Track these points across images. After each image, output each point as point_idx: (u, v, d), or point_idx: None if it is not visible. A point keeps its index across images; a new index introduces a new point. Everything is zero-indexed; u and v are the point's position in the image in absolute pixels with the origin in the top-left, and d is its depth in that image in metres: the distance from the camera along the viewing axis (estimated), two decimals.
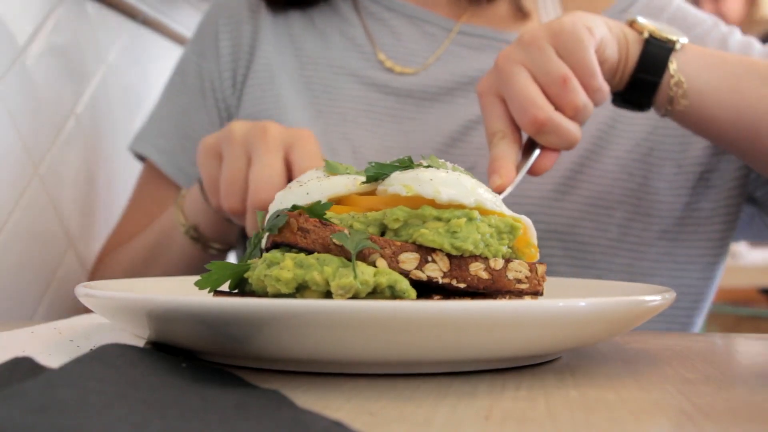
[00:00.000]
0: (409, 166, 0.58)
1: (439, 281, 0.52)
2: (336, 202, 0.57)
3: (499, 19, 1.06)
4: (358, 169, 0.94)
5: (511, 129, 0.75)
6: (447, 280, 0.52)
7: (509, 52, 0.76)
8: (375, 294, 0.50)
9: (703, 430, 0.37)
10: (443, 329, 0.44)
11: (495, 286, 0.53)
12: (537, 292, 0.55)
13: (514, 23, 1.06)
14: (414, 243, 0.52)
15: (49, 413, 0.31)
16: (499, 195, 0.71)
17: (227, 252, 0.98)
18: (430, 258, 0.52)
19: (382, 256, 0.51)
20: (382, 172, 0.57)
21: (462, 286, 0.52)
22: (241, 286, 0.56)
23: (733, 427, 0.38)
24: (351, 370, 0.49)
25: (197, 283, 0.55)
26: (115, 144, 1.19)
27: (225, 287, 0.57)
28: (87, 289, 0.53)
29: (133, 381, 0.39)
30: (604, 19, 0.79)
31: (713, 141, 0.89)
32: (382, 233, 0.54)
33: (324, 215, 0.53)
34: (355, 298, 0.49)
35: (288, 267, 0.50)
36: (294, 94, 1.00)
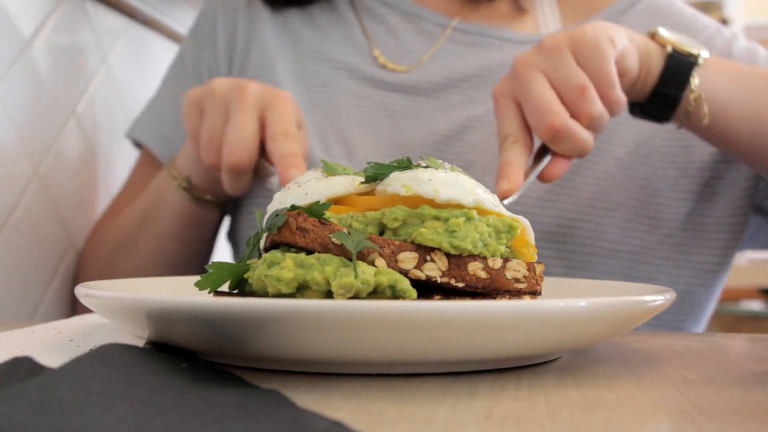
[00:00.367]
0: (408, 166, 0.58)
1: (438, 280, 0.52)
2: (335, 202, 0.57)
3: (497, 16, 1.05)
4: (354, 166, 0.95)
5: (524, 134, 0.75)
6: (446, 280, 0.52)
7: (528, 57, 0.76)
8: (375, 294, 0.50)
9: (703, 430, 0.37)
10: (444, 329, 0.44)
11: (493, 286, 0.53)
12: (535, 292, 0.56)
13: (511, 21, 1.05)
14: (413, 242, 0.52)
15: (49, 413, 0.30)
16: (506, 200, 0.71)
17: (220, 208, 0.98)
18: (428, 257, 0.52)
19: (381, 256, 0.51)
20: (380, 172, 0.57)
21: (460, 285, 0.52)
22: (241, 287, 0.56)
23: (733, 427, 0.38)
24: (351, 370, 0.48)
25: (197, 284, 0.55)
26: (115, 144, 1.19)
27: (225, 288, 0.57)
28: (87, 289, 0.53)
29: (133, 381, 0.39)
30: (627, 31, 0.79)
31: (727, 152, 0.88)
32: (381, 233, 0.54)
33: (323, 215, 0.53)
34: (355, 297, 0.49)
35: (289, 267, 0.50)
36: (291, 85, 1.00)
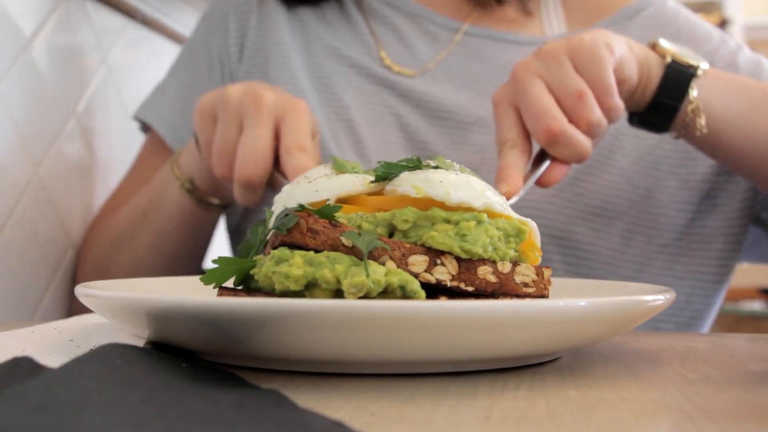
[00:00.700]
0: (418, 166, 0.58)
1: (448, 284, 0.52)
2: (343, 201, 0.57)
3: (504, 19, 1.05)
4: (362, 159, 0.95)
5: (522, 139, 0.76)
6: (455, 283, 0.52)
7: (527, 63, 0.76)
8: (386, 294, 0.50)
9: (703, 430, 0.37)
10: (444, 329, 0.44)
11: (502, 290, 0.53)
12: (543, 296, 0.55)
13: (517, 24, 1.05)
14: (423, 245, 0.52)
15: (49, 413, 0.30)
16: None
17: (225, 208, 0.96)
18: (439, 261, 0.52)
19: (392, 258, 0.51)
20: (390, 171, 0.57)
21: (470, 289, 0.52)
22: (247, 283, 0.56)
23: (733, 427, 0.38)
24: (351, 370, 0.48)
25: (202, 278, 0.55)
26: (114, 144, 1.19)
27: (230, 283, 0.56)
28: (87, 289, 0.53)
29: (133, 381, 0.39)
30: (626, 39, 0.79)
31: (724, 164, 0.88)
32: (391, 234, 0.54)
33: (334, 217, 0.53)
34: (365, 297, 0.49)
35: (298, 264, 0.50)
36: (303, 76, 1.01)
